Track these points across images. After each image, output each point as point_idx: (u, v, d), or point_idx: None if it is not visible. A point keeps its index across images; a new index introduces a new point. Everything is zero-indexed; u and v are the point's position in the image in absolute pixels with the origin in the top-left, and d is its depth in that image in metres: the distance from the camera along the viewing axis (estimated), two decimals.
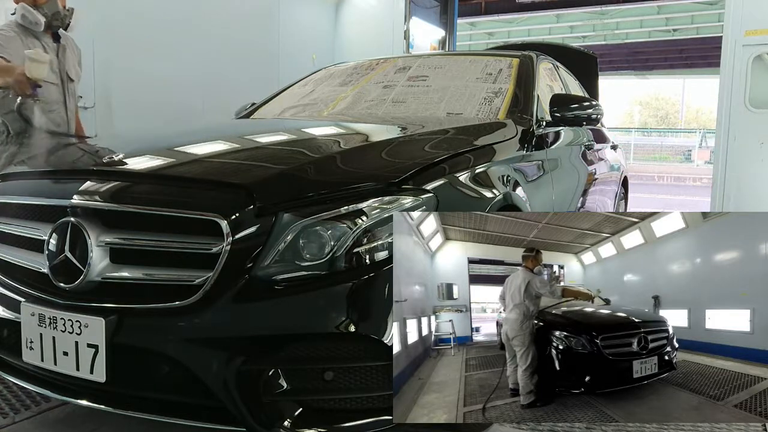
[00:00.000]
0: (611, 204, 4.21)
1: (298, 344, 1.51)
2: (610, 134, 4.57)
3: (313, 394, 1.53)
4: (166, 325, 1.52)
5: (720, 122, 5.51)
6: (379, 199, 1.59)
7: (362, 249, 1.53)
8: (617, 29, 17.12)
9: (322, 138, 2.27)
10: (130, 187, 1.71)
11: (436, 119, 2.57)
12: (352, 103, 2.92)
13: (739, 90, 5.38)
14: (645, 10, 15.22)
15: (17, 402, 2.13)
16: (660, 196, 13.31)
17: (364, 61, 3.46)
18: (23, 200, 1.82)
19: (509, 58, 3.08)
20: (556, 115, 2.67)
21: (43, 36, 2.92)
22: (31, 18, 2.83)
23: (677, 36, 17.68)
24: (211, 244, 1.50)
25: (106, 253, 1.59)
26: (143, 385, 1.60)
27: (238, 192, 1.57)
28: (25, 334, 1.65)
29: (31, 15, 2.83)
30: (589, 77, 4.53)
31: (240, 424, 1.50)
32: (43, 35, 2.91)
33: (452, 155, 1.91)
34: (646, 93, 48.14)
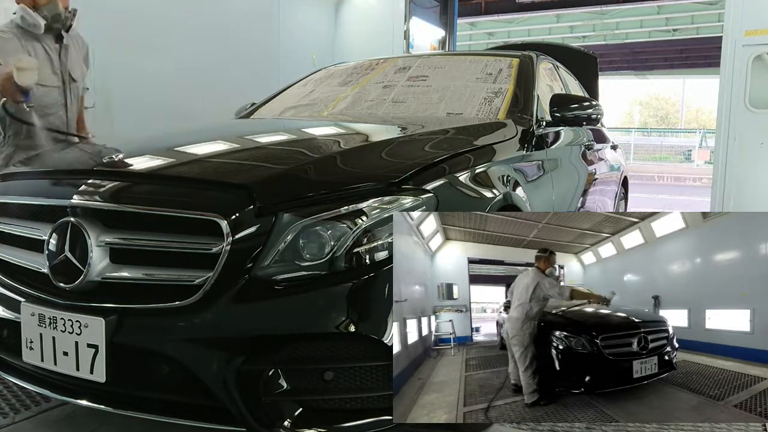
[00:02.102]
0: (611, 204, 4.21)
1: (298, 344, 1.51)
2: (610, 134, 4.58)
3: (313, 394, 1.53)
4: (166, 325, 1.52)
5: (720, 122, 5.51)
6: (379, 199, 1.59)
7: (362, 249, 1.53)
8: (617, 29, 17.12)
9: (322, 138, 2.27)
10: (130, 187, 1.71)
11: (436, 119, 2.57)
12: (352, 103, 2.92)
13: (739, 90, 5.38)
14: (645, 10, 15.22)
15: (17, 402, 2.13)
16: (660, 196, 13.31)
17: (364, 61, 3.46)
18: (23, 200, 1.82)
19: (509, 58, 3.08)
20: (556, 115, 2.67)
21: (45, 37, 2.88)
22: (30, 20, 2.79)
23: (677, 36, 17.68)
24: (211, 244, 1.50)
25: (106, 253, 1.59)
26: (143, 385, 1.60)
27: (238, 192, 1.57)
28: (25, 334, 1.65)
29: (30, 17, 2.79)
30: (589, 77, 4.53)
31: (240, 424, 1.50)
32: (44, 37, 2.88)
33: (452, 155, 1.91)
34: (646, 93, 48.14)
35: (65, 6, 2.92)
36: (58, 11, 2.85)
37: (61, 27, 2.89)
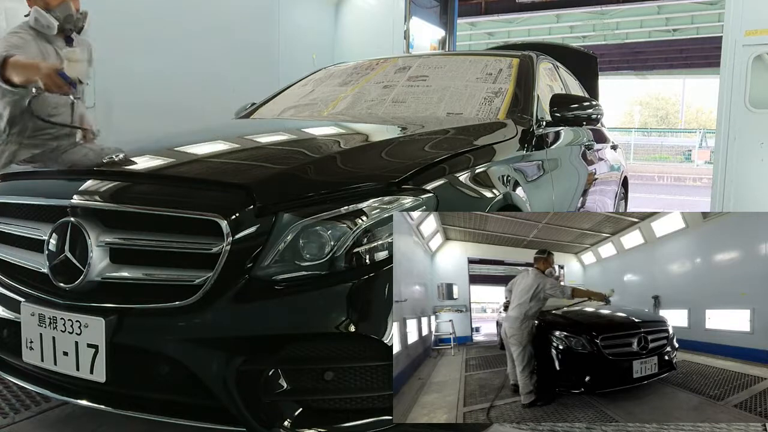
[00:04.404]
0: (611, 204, 4.22)
1: (298, 344, 1.51)
2: (610, 134, 4.58)
3: (313, 394, 1.53)
4: (166, 325, 1.53)
5: (720, 122, 5.51)
6: (379, 199, 1.59)
7: (362, 249, 1.53)
8: (617, 29, 17.14)
9: (322, 138, 2.27)
10: (130, 187, 1.71)
11: (436, 119, 2.57)
12: (352, 103, 2.92)
13: (739, 90, 5.38)
14: (645, 10, 15.23)
15: (17, 402, 2.13)
16: (660, 196, 13.31)
17: (364, 61, 3.46)
18: (23, 200, 1.82)
19: (509, 58, 3.08)
20: (556, 115, 2.67)
21: (56, 39, 2.91)
22: (44, 21, 2.83)
23: (677, 36, 17.71)
24: (211, 244, 1.50)
25: (106, 253, 1.59)
26: (143, 385, 1.60)
27: (238, 192, 1.57)
28: (25, 334, 1.65)
29: (44, 18, 2.82)
30: (589, 77, 4.53)
31: (240, 424, 1.50)
32: (55, 38, 2.91)
33: (452, 155, 1.91)
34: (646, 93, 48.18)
35: (77, 8, 2.96)
36: (70, 12, 2.89)
37: (72, 28, 2.92)
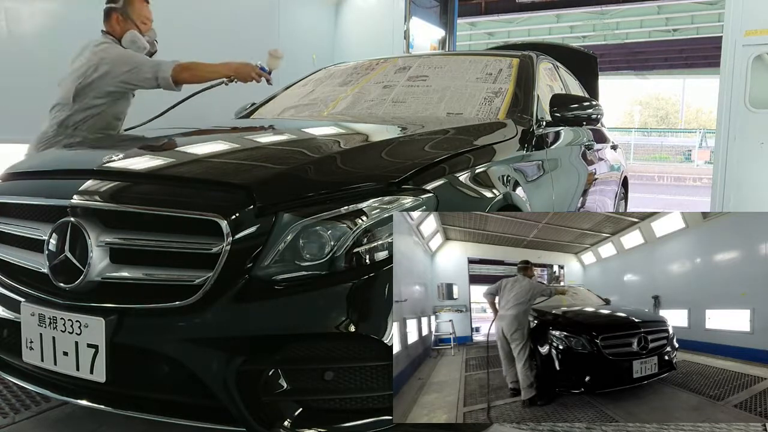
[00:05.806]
0: (611, 204, 4.22)
1: (298, 344, 1.51)
2: (610, 134, 4.58)
3: (313, 394, 1.53)
4: (166, 325, 1.53)
5: (720, 122, 5.51)
6: (379, 199, 1.59)
7: (362, 249, 1.53)
8: (617, 29, 17.14)
9: (322, 138, 2.27)
10: (130, 187, 1.71)
11: (436, 119, 2.57)
12: (352, 103, 2.92)
13: (739, 90, 5.38)
14: (645, 10, 15.25)
15: (17, 402, 2.13)
16: (660, 196, 13.31)
17: (364, 61, 3.46)
18: (23, 200, 1.82)
19: (509, 58, 3.08)
20: (556, 115, 2.67)
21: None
22: (141, 44, 3.15)
23: (677, 36, 17.71)
24: (211, 244, 1.50)
25: (106, 253, 1.59)
26: (143, 385, 1.61)
27: (238, 192, 1.57)
28: (25, 334, 1.65)
29: (140, 41, 3.15)
30: (589, 77, 4.53)
31: (240, 424, 1.50)
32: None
33: (452, 155, 1.91)
34: (646, 93, 48.19)
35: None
36: (156, 37, 3.30)
37: (153, 51, 3.30)
